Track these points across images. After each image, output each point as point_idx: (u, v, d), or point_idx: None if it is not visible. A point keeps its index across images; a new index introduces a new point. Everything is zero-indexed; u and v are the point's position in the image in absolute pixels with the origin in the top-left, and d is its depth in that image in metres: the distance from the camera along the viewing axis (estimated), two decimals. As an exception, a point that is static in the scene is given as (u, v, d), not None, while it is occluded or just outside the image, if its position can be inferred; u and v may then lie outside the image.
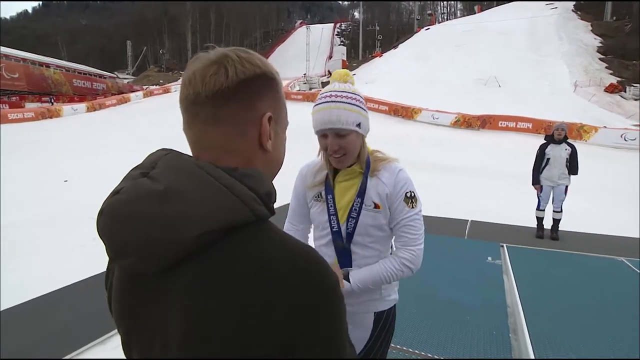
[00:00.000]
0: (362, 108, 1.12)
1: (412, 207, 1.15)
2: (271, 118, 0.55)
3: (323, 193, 1.19)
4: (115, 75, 50.12)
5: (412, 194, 1.15)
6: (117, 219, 0.47)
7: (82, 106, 26.38)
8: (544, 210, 5.00)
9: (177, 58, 72.67)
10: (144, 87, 45.30)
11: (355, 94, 1.12)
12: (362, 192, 1.15)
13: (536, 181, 4.96)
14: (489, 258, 3.98)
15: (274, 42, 79.63)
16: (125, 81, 51.30)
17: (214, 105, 0.52)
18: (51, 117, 23.70)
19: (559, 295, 3.15)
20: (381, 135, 17.14)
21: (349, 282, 1.13)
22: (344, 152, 1.11)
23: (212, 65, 0.53)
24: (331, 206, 1.18)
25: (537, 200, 5.05)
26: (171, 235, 0.45)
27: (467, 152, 14.02)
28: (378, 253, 1.19)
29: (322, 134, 1.12)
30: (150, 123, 20.16)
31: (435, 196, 7.76)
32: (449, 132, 18.56)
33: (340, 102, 1.09)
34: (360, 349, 1.19)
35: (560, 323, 2.64)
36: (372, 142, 1.21)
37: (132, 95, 34.01)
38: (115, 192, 0.49)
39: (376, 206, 1.15)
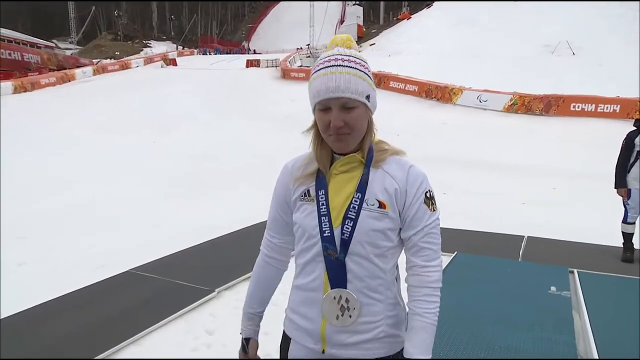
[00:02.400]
0: (371, 78, 1.17)
1: (434, 210, 1.19)
2: None
3: (312, 190, 1.20)
4: (53, 45, 50.97)
5: (432, 194, 1.20)
6: None
7: (6, 85, 26.69)
8: (634, 223, 4.83)
9: (138, 23, 73.90)
10: (94, 60, 45.99)
11: (362, 59, 1.17)
12: (362, 187, 1.16)
13: (622, 183, 4.80)
14: (553, 288, 3.86)
15: (266, 4, 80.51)
16: (69, 52, 52.14)
17: None
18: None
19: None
20: (408, 124, 17.15)
21: None
22: (350, 129, 1.13)
23: None
24: (323, 204, 1.18)
25: (623, 209, 4.89)
26: None
27: (526, 145, 13.90)
28: (381, 274, 1.17)
29: (324, 107, 1.13)
30: (105, 109, 20.36)
31: (480, 204, 7.63)
32: (502, 118, 18.44)
33: (348, 66, 1.12)
34: None
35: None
36: (396, 132, 1.14)
37: (77, 71, 34.58)
38: None
39: (381, 205, 1.16)
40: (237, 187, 8.93)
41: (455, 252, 4.84)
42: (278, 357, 1.33)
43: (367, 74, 1.15)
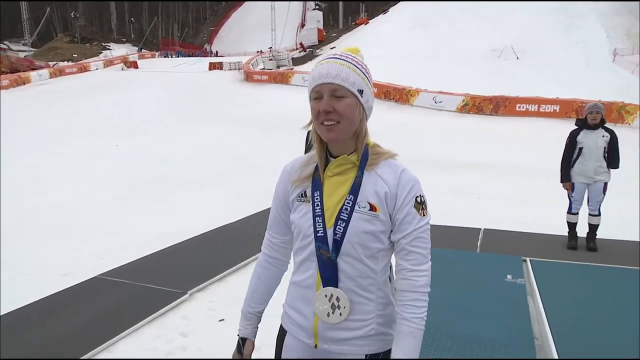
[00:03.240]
0: (367, 78, 1.19)
1: (424, 215, 1.19)
2: None
3: (309, 191, 1.21)
4: (6, 46, 48.04)
5: (423, 199, 1.20)
6: None
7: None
8: (577, 214, 5.11)
9: (96, 25, 70.75)
10: (51, 63, 43.69)
11: (363, 62, 1.20)
12: (355, 189, 1.17)
13: (566, 178, 5.05)
14: (509, 276, 4.02)
15: (228, 6, 79.20)
16: (22, 54, 49.14)
17: None
18: None
19: (600, 322, 3.17)
20: (369, 125, 17.34)
21: None
22: (338, 118, 1.13)
23: None
24: (317, 205, 1.19)
25: (568, 201, 5.16)
26: None
27: (478, 144, 14.40)
28: (372, 274, 1.18)
29: (316, 95, 1.15)
30: (65, 112, 19.33)
31: (437, 200, 7.83)
32: (455, 119, 19.03)
33: (345, 60, 1.16)
34: None
35: (602, 357, 2.64)
36: None
37: (33, 74, 32.69)
38: None
39: (372, 208, 1.16)
40: (204, 190, 8.73)
41: (419, 246, 4.95)
42: (274, 351, 1.33)
43: (362, 72, 1.17)
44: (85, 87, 27.33)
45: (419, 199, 1.18)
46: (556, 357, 2.63)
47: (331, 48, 38.54)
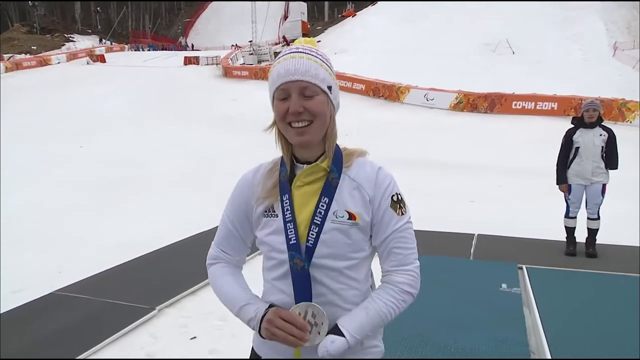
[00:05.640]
0: (332, 72, 1.19)
1: (402, 214, 1.18)
2: None
3: (277, 204, 1.17)
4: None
5: (400, 197, 1.19)
6: None
7: None
8: (575, 217, 5.17)
9: (57, 15, 69.49)
10: (6, 56, 42.77)
11: (325, 55, 1.19)
12: (327, 191, 1.14)
13: (562, 179, 5.11)
14: (504, 285, 4.05)
15: (204, -4, 78.67)
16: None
17: None
18: None
19: (600, 334, 3.19)
20: (356, 124, 17.39)
21: (343, 336, 1.09)
22: (310, 117, 1.11)
23: None
24: (287, 211, 1.15)
25: (565, 205, 5.21)
26: None
27: (472, 144, 14.56)
28: (356, 284, 1.17)
29: (282, 95, 1.12)
30: (21, 111, 18.89)
31: (429, 204, 7.88)
32: (448, 117, 19.22)
33: (309, 54, 1.14)
34: None
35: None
36: (345, 132, 1.12)
37: (-15, 68, 31.87)
38: None
39: (352, 216, 1.14)
40: (173, 193, 8.62)
41: (408, 254, 4.95)
42: None
43: (328, 66, 1.17)
44: (46, 83, 26.81)
45: (395, 198, 1.17)
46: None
47: (317, 42, 38.59)
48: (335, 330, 1.10)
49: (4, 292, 4.11)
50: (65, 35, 60.43)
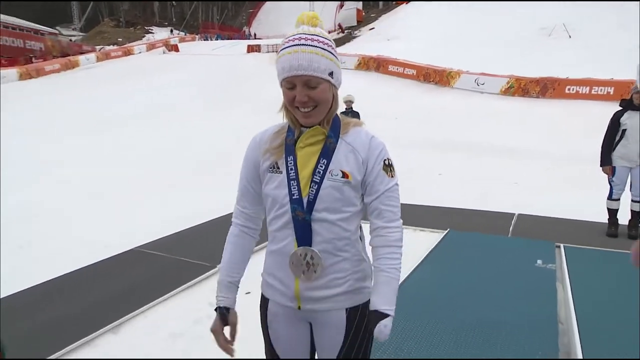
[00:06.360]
0: (334, 55, 1.23)
1: (392, 177, 1.28)
2: None
3: (281, 162, 1.26)
4: (57, 32, 50.40)
5: (390, 162, 1.29)
6: None
7: (11, 72, 26.48)
8: (618, 200, 4.90)
9: (139, 9, 72.79)
10: (97, 47, 45.51)
11: (326, 38, 1.23)
12: (326, 154, 1.24)
13: (606, 161, 4.84)
14: (539, 261, 3.96)
15: (266, -15, 78.99)
16: (72, 39, 51.57)
17: None
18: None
19: (629, 313, 3.06)
20: (406, 108, 17.07)
21: (386, 315, 1.19)
22: (314, 104, 1.20)
23: None
24: (291, 169, 1.24)
25: (608, 187, 4.94)
26: None
27: (522, 128, 13.86)
28: (347, 234, 1.27)
29: (289, 84, 1.20)
30: (110, 97, 20.23)
31: (474, 184, 7.71)
32: (498, 101, 18.31)
33: (311, 45, 1.18)
34: (334, 355, 1.29)
35: (625, 348, 2.58)
36: (394, 115, 1.18)
37: (81, 58, 34.20)
38: None
39: (345, 175, 1.23)
40: (232, 174, 9.00)
41: (448, 229, 4.93)
42: (260, 320, 1.40)
43: (330, 52, 1.21)
44: (129, 70, 28.34)
45: (386, 162, 1.26)
46: (578, 341, 2.61)
47: (370, 29, 37.84)
48: (376, 314, 1.19)
49: (97, 247, 4.58)
50: (146, 27, 63.30)
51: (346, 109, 8.33)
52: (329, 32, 44.43)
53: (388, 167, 1.26)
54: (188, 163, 9.78)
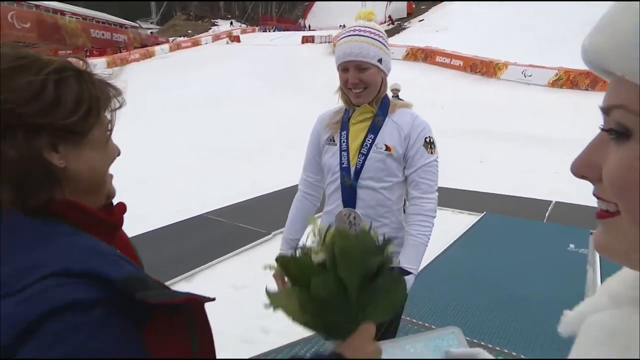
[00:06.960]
0: (384, 44, 1.33)
1: (432, 153, 1.34)
2: None
3: (337, 135, 1.39)
4: (137, 25, 52.88)
5: (431, 140, 1.35)
6: None
7: (101, 61, 28.43)
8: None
9: (207, 4, 74.67)
10: (170, 38, 47.38)
11: (378, 30, 1.34)
12: (374, 130, 1.34)
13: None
14: (572, 245, 3.87)
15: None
16: (149, 32, 54.00)
17: None
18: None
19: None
20: (453, 97, 16.50)
21: (412, 273, 1.24)
22: (364, 85, 1.31)
23: None
24: (344, 142, 1.37)
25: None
26: None
27: (568, 120, 13.02)
28: (388, 203, 1.35)
29: (343, 68, 1.32)
30: (181, 83, 21.20)
31: (515, 172, 7.46)
32: (545, 93, 17.26)
33: (363, 35, 1.30)
34: None
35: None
36: (441, 104, 1.27)
37: (157, 48, 35.83)
38: None
39: (387, 148, 1.32)
40: (286, 156, 9.21)
41: (484, 212, 4.88)
42: None
43: (380, 42, 1.32)
44: (196, 60, 29.40)
45: (427, 139, 1.33)
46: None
47: (419, 21, 36.56)
48: (400, 270, 1.24)
49: (170, 211, 4.98)
50: (212, 20, 64.98)
51: (392, 97, 8.26)
52: (380, 24, 43.31)
53: (429, 144, 1.33)
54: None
